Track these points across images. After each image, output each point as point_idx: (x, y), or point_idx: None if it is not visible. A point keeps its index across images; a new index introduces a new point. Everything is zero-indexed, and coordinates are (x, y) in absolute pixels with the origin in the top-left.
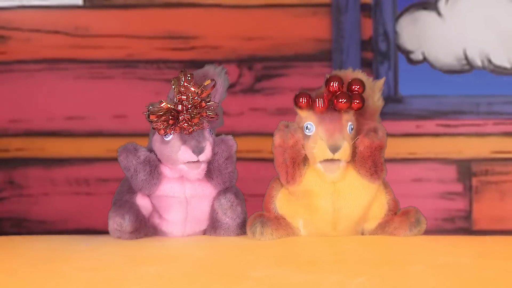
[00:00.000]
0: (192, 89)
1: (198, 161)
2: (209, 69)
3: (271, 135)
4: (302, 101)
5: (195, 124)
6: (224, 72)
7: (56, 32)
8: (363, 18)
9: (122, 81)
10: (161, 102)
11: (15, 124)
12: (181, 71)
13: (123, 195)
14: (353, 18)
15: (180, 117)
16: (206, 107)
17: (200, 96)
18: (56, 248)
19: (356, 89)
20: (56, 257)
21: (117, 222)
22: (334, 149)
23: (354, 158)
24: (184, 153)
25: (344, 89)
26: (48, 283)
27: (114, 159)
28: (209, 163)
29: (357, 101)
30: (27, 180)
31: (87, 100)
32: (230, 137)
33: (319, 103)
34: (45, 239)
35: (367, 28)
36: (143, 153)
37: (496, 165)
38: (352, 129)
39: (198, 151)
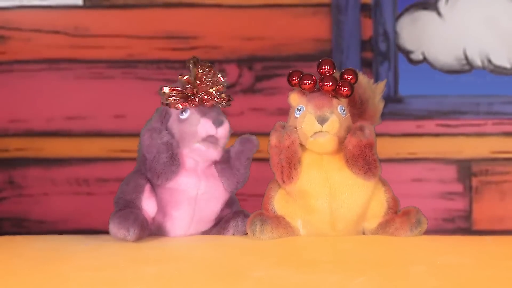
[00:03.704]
0: (208, 67)
1: (215, 137)
2: None
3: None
4: (295, 79)
5: (214, 96)
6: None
7: (56, 32)
8: (363, 18)
9: (122, 81)
10: (181, 74)
11: (15, 124)
12: (194, 57)
13: (128, 194)
14: (353, 18)
15: (200, 89)
16: (223, 83)
17: (215, 74)
18: (56, 248)
19: (348, 78)
20: (56, 257)
21: (122, 234)
22: (322, 120)
23: (346, 158)
24: (205, 124)
25: (334, 73)
26: (48, 283)
27: (115, 159)
28: (229, 160)
29: (346, 89)
30: (27, 180)
31: (87, 100)
32: (254, 137)
33: (307, 81)
34: (45, 239)
35: (367, 28)
36: (166, 135)
37: (496, 165)
38: (344, 111)
39: (218, 122)
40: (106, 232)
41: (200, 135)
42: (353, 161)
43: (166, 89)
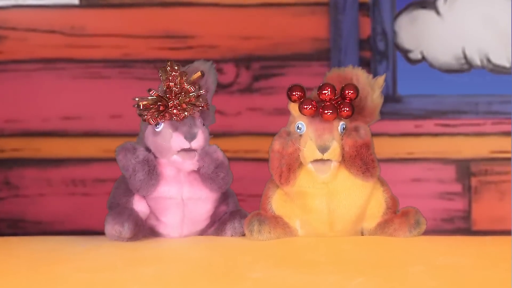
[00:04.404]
0: (179, 75)
1: (191, 149)
2: (198, 65)
3: (269, 135)
4: (295, 95)
5: (185, 110)
6: (214, 67)
7: (52, 31)
8: (361, 17)
9: (118, 81)
10: (150, 90)
11: (11, 124)
12: (168, 61)
13: (120, 198)
14: (351, 17)
15: (170, 103)
16: (194, 92)
17: (189, 83)
18: (53, 249)
19: (349, 94)
20: (53, 258)
21: (116, 229)
22: (323, 149)
23: (343, 159)
24: (176, 139)
25: (336, 96)
26: (45, 284)
27: (111, 160)
28: (200, 174)
29: (347, 109)
30: (23, 180)
31: (84, 100)
32: (214, 148)
33: (307, 107)
34: (41, 240)
35: (366, 27)
36: (142, 153)
37: (495, 165)
38: (344, 128)
39: (190, 137)
40: (103, 232)
41: (175, 149)
42: (351, 162)
43: (139, 104)
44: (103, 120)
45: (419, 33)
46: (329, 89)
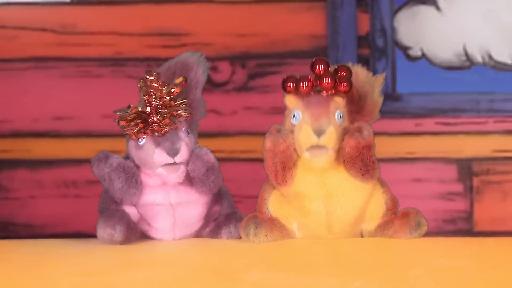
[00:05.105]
0: (160, 88)
1: (175, 163)
2: (188, 56)
3: (265, 134)
4: (289, 86)
5: (167, 125)
6: (203, 58)
7: (43, 29)
8: (360, 13)
9: (111, 79)
10: (129, 106)
11: (1, 125)
12: (147, 71)
13: (109, 204)
14: (349, 13)
15: (150, 119)
16: (176, 105)
17: (169, 95)
18: (45, 253)
19: (343, 74)
20: (45, 262)
21: (108, 232)
22: (319, 132)
23: (343, 159)
24: (159, 155)
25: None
26: None
27: None
28: (190, 176)
29: (344, 84)
30: (13, 182)
31: (75, 99)
32: (204, 150)
33: (304, 84)
34: (32, 243)
35: (364, 23)
36: (115, 160)
37: (498, 164)
38: (341, 117)
39: (173, 152)
40: (95, 235)
41: (159, 164)
42: (351, 163)
43: (120, 119)
44: (96, 120)
45: (419, 30)
46: (322, 64)
